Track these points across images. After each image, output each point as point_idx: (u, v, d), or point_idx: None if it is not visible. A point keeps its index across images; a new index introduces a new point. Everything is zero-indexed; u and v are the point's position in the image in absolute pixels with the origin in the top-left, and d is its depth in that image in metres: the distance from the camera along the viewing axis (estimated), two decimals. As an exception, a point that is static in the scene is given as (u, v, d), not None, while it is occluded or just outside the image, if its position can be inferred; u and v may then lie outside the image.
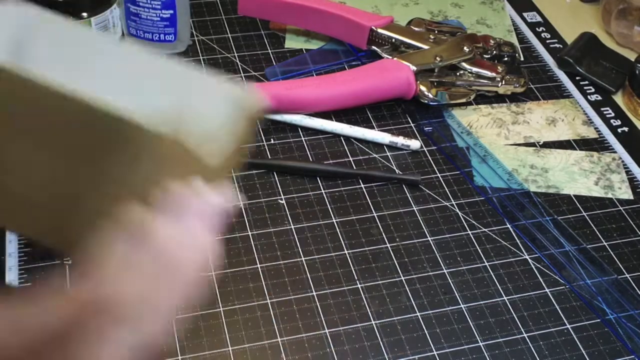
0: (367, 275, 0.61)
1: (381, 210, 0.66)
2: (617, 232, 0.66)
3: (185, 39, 0.81)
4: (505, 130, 0.75)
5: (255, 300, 0.59)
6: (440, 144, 0.73)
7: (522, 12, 0.92)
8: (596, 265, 0.63)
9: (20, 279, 0.56)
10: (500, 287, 0.61)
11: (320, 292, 0.59)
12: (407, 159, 0.71)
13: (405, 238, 0.64)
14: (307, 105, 0.73)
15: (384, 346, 0.56)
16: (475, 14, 0.90)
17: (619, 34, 0.88)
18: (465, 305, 0.60)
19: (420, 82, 0.75)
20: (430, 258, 0.63)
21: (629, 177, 0.72)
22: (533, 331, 0.58)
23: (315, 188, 0.68)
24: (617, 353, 0.57)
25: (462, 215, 0.67)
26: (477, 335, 0.58)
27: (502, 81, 0.77)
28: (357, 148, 0.72)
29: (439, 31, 0.80)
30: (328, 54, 0.83)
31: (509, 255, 0.64)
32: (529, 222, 0.66)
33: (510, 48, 0.81)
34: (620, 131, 0.77)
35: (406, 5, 0.91)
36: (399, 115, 0.76)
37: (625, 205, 0.69)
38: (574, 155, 0.73)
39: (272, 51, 0.82)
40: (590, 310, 0.60)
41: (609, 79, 0.82)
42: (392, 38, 0.79)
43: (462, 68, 0.77)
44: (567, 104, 0.79)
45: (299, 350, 0.56)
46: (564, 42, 0.88)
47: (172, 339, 0.55)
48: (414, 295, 0.60)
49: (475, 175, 0.70)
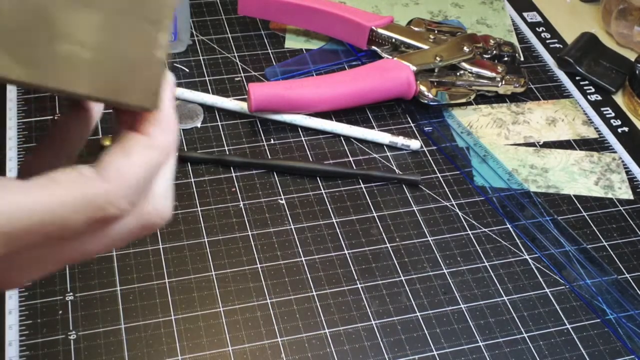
0: (367, 275, 0.61)
1: (381, 210, 0.66)
2: (617, 232, 0.66)
3: (185, 39, 0.81)
4: (505, 130, 0.75)
5: (255, 300, 0.59)
6: (440, 144, 0.73)
7: (522, 12, 0.92)
8: (596, 265, 0.63)
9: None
10: (500, 287, 0.61)
11: (320, 292, 0.59)
12: (407, 159, 0.71)
13: (405, 238, 0.64)
14: (307, 105, 0.73)
15: (384, 346, 0.56)
16: (475, 14, 0.90)
17: (619, 34, 0.88)
18: (465, 305, 0.60)
19: (420, 82, 0.75)
20: (430, 258, 0.63)
21: (629, 177, 0.72)
22: (533, 331, 0.58)
23: (315, 188, 0.68)
24: (617, 353, 0.57)
25: (462, 215, 0.67)
26: (477, 335, 0.58)
27: (502, 81, 0.77)
28: (357, 148, 0.72)
29: (439, 31, 0.81)
30: (328, 54, 0.83)
31: (509, 255, 0.64)
32: (529, 222, 0.66)
33: (510, 48, 0.81)
34: (620, 131, 0.77)
35: (406, 5, 0.91)
36: (399, 115, 0.76)
37: (625, 205, 0.69)
38: (574, 155, 0.73)
39: (272, 51, 0.82)
40: (590, 310, 0.60)
41: (609, 79, 0.82)
42: (392, 38, 0.79)
43: (462, 68, 0.77)
44: (567, 104, 0.79)
45: (299, 350, 0.56)
46: (564, 42, 0.88)
47: (172, 339, 0.56)
48: (414, 295, 0.60)
49: (475, 175, 0.70)
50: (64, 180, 0.31)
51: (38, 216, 0.30)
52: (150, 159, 0.33)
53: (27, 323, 0.56)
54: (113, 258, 0.60)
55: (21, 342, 0.55)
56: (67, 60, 0.33)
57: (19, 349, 0.54)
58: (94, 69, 0.33)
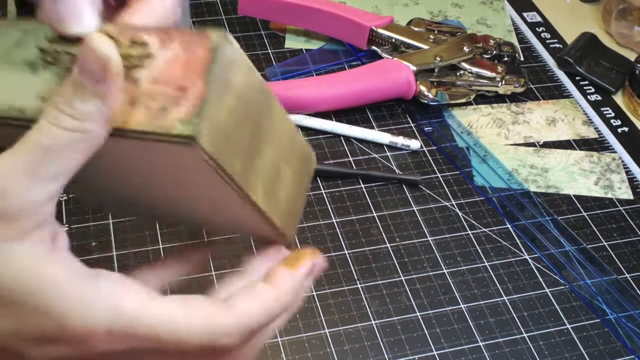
0: (367, 275, 0.61)
1: (381, 210, 0.66)
2: (617, 232, 0.66)
3: (185, 39, 0.80)
4: (505, 130, 0.75)
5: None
6: (440, 144, 0.73)
7: (522, 12, 0.92)
8: (596, 265, 0.63)
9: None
10: (500, 287, 0.61)
11: (320, 292, 0.59)
12: (407, 159, 0.71)
13: (405, 238, 0.64)
14: (307, 105, 0.73)
15: (384, 346, 0.56)
16: (475, 14, 0.90)
17: (619, 34, 0.88)
18: (465, 305, 0.60)
19: (420, 82, 0.75)
20: (430, 258, 0.63)
21: (629, 177, 0.72)
22: (533, 331, 0.58)
23: (315, 188, 0.68)
24: (617, 353, 0.57)
25: (462, 215, 0.67)
26: (477, 335, 0.58)
27: (502, 81, 0.77)
28: (357, 148, 0.72)
29: (439, 31, 0.81)
30: (328, 54, 0.83)
31: (509, 255, 0.64)
32: (529, 222, 0.66)
33: (510, 48, 0.81)
34: (620, 131, 0.77)
35: (406, 5, 0.91)
36: (399, 115, 0.76)
37: (625, 205, 0.69)
38: (573, 155, 0.73)
39: (272, 51, 0.83)
40: (590, 310, 0.60)
41: (609, 79, 0.82)
42: (392, 38, 0.79)
43: (462, 68, 0.77)
44: (567, 104, 0.79)
45: (299, 350, 0.56)
46: (564, 42, 0.88)
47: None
48: (414, 295, 0.60)
49: (475, 175, 0.70)
50: (196, 303, 0.34)
51: (162, 327, 0.33)
52: (274, 311, 0.36)
53: (27, 323, 0.56)
54: (113, 258, 0.60)
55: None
56: (274, 193, 0.39)
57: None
58: (282, 204, 0.40)
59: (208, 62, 0.33)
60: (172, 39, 0.34)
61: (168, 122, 0.32)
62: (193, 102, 0.33)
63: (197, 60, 0.33)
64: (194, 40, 0.34)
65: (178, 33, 0.35)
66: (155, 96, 0.33)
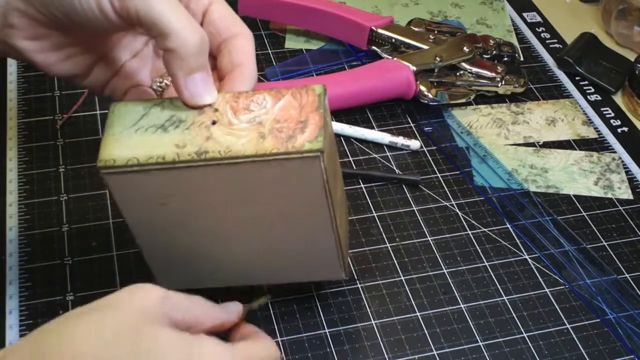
0: (367, 275, 0.61)
1: (381, 210, 0.66)
2: (617, 232, 0.66)
3: (185, 39, 0.81)
4: (505, 130, 0.76)
5: (255, 300, 0.58)
6: (440, 144, 0.73)
7: (522, 12, 0.92)
8: (596, 265, 0.63)
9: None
10: (500, 287, 0.61)
11: (320, 292, 0.59)
12: (407, 159, 0.72)
13: (405, 238, 0.64)
14: (307, 105, 0.73)
15: (384, 346, 0.57)
16: (475, 14, 0.90)
17: (619, 34, 0.88)
18: (465, 305, 0.60)
19: (420, 82, 0.75)
20: (430, 258, 0.63)
21: (628, 177, 0.72)
22: (533, 331, 0.58)
23: (315, 188, 0.68)
24: (616, 353, 0.57)
25: (462, 215, 0.67)
26: (477, 335, 0.58)
27: (502, 81, 0.77)
28: (357, 148, 0.72)
29: (439, 31, 0.81)
30: (328, 54, 0.83)
31: (509, 255, 0.64)
32: (528, 222, 0.66)
33: (510, 48, 0.81)
34: (620, 131, 0.77)
35: (406, 6, 0.91)
36: (399, 115, 0.76)
37: (625, 205, 0.69)
38: (573, 155, 0.73)
39: (272, 51, 0.83)
40: (590, 310, 0.60)
41: (609, 79, 0.82)
42: (392, 38, 0.80)
43: (462, 68, 0.77)
44: (566, 104, 0.80)
45: (299, 350, 0.56)
46: (563, 42, 0.88)
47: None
48: (414, 295, 0.60)
49: (475, 175, 0.70)
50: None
51: None
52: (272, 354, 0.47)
53: (27, 323, 0.56)
54: (113, 258, 0.60)
55: (21, 342, 0.55)
56: None
57: (19, 349, 0.54)
58: (343, 239, 0.52)
59: (318, 103, 0.45)
60: (283, 93, 0.46)
61: (298, 143, 0.43)
62: (315, 128, 0.44)
63: (310, 103, 0.45)
64: (302, 92, 0.46)
65: (286, 89, 0.46)
66: (281, 130, 0.44)
